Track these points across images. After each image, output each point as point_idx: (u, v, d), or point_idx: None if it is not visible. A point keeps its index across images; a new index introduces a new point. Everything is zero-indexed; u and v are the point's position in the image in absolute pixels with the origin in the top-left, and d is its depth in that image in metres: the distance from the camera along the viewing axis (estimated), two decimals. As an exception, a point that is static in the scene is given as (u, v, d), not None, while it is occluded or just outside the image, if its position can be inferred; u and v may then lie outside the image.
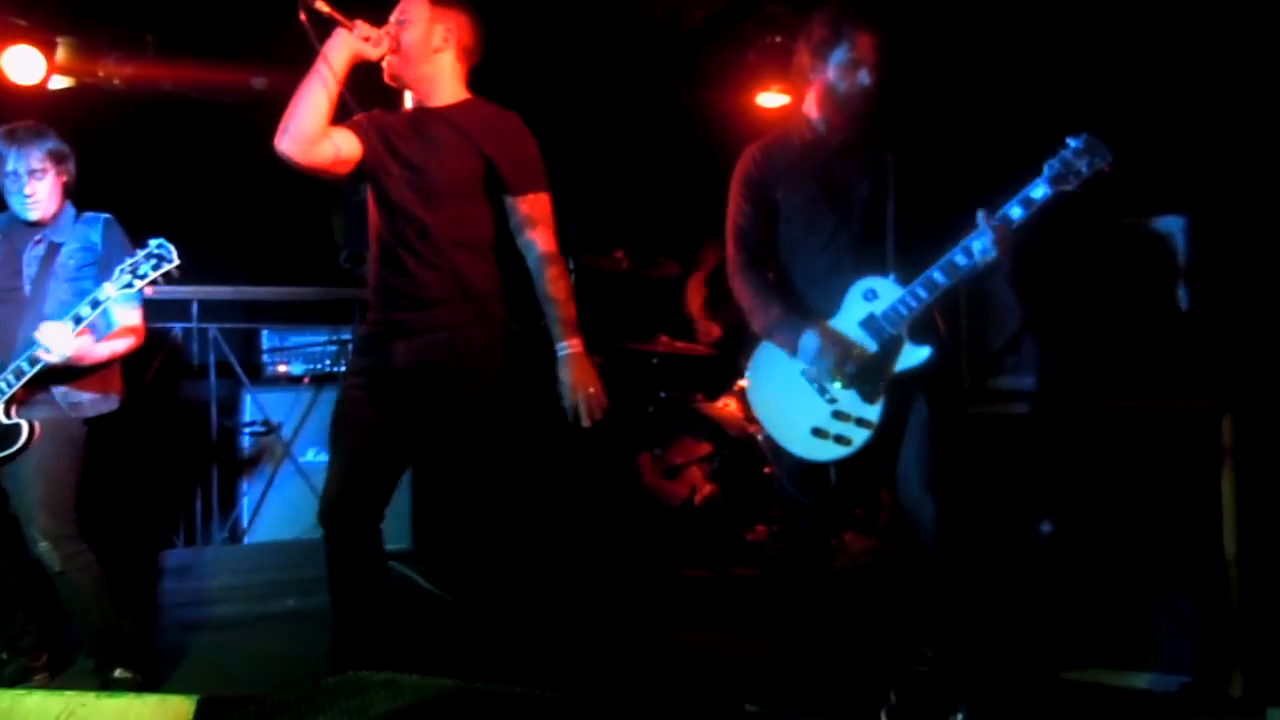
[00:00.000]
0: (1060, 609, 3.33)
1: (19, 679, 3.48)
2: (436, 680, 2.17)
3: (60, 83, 4.96)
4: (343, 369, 5.00)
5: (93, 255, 3.40)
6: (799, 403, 2.86)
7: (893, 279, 2.80)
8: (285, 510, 4.93)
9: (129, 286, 3.16)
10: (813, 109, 2.97)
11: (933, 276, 2.73)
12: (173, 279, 3.22)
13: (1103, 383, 3.34)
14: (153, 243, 3.19)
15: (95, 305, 3.18)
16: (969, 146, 3.18)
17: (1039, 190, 2.66)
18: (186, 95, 5.23)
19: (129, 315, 3.40)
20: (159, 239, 3.19)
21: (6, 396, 3.21)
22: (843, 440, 2.81)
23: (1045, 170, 2.64)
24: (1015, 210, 2.68)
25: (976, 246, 2.67)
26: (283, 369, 5.15)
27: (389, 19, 2.97)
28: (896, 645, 3.04)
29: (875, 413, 2.78)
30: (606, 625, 4.18)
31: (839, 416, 2.82)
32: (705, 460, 5.14)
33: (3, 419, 3.22)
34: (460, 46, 3.00)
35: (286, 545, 4.70)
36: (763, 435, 3.00)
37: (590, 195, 5.60)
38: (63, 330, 3.16)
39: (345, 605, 2.92)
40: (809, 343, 2.80)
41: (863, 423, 2.79)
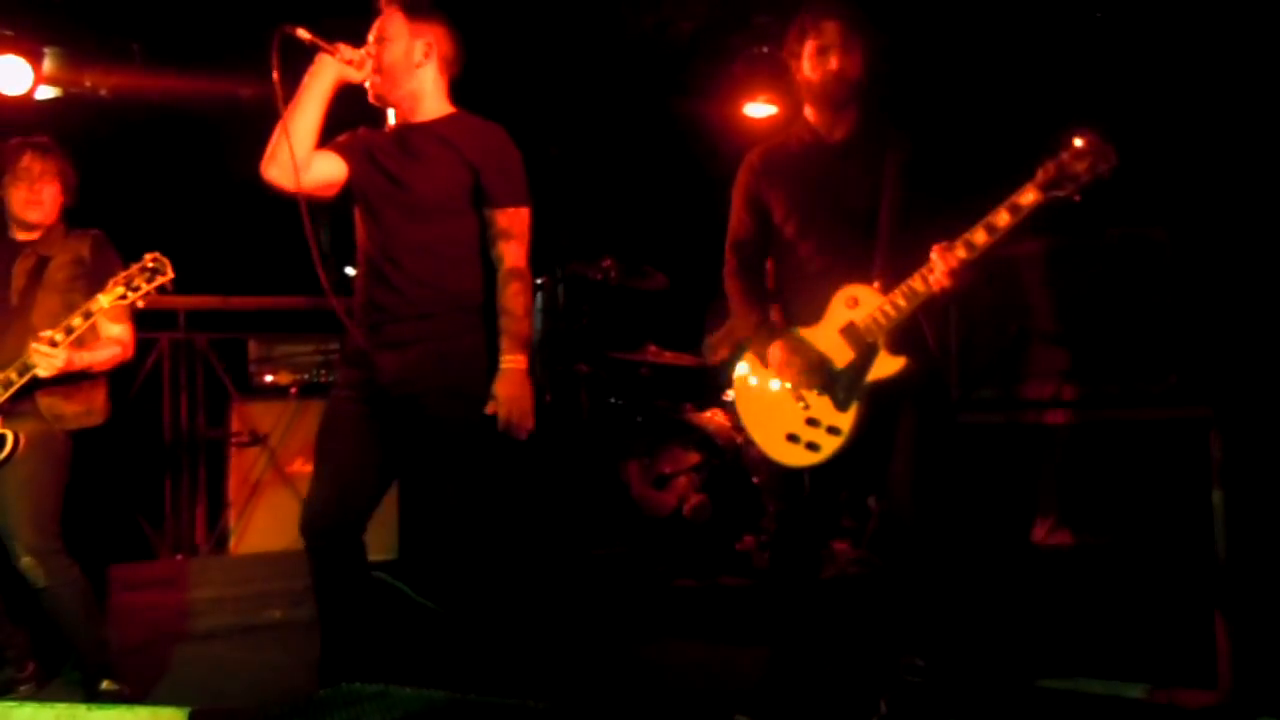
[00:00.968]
0: (1051, 618, 3.34)
1: (5, 690, 3.46)
2: (429, 692, 2.16)
3: (47, 93, 4.95)
4: (330, 379, 4.99)
5: (82, 269, 3.40)
6: (776, 408, 2.90)
7: (876, 287, 2.80)
8: (272, 521, 4.90)
9: (122, 299, 3.17)
10: (807, 110, 2.98)
11: (914, 286, 2.73)
12: (166, 291, 3.22)
13: (1093, 393, 3.35)
14: (148, 256, 3.19)
15: (88, 316, 3.19)
16: (964, 149, 3.18)
17: (1028, 196, 2.56)
18: (173, 105, 5.22)
19: (118, 328, 3.39)
20: (155, 253, 3.20)
21: None
22: (813, 447, 2.83)
23: (1038, 174, 2.55)
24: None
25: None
26: (270, 379, 5.13)
27: (367, 38, 2.96)
28: (887, 655, 3.04)
29: (846, 420, 2.79)
30: (596, 635, 4.17)
31: (811, 423, 2.84)
32: (694, 470, 5.14)
33: None
34: (441, 59, 3.00)
35: (273, 556, 4.67)
36: (748, 441, 3.02)
37: (579, 204, 5.60)
38: (55, 346, 3.15)
39: (331, 616, 2.92)
40: (775, 354, 2.86)
41: (833, 430, 2.80)
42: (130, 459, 4.72)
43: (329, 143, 2.96)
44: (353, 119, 3.06)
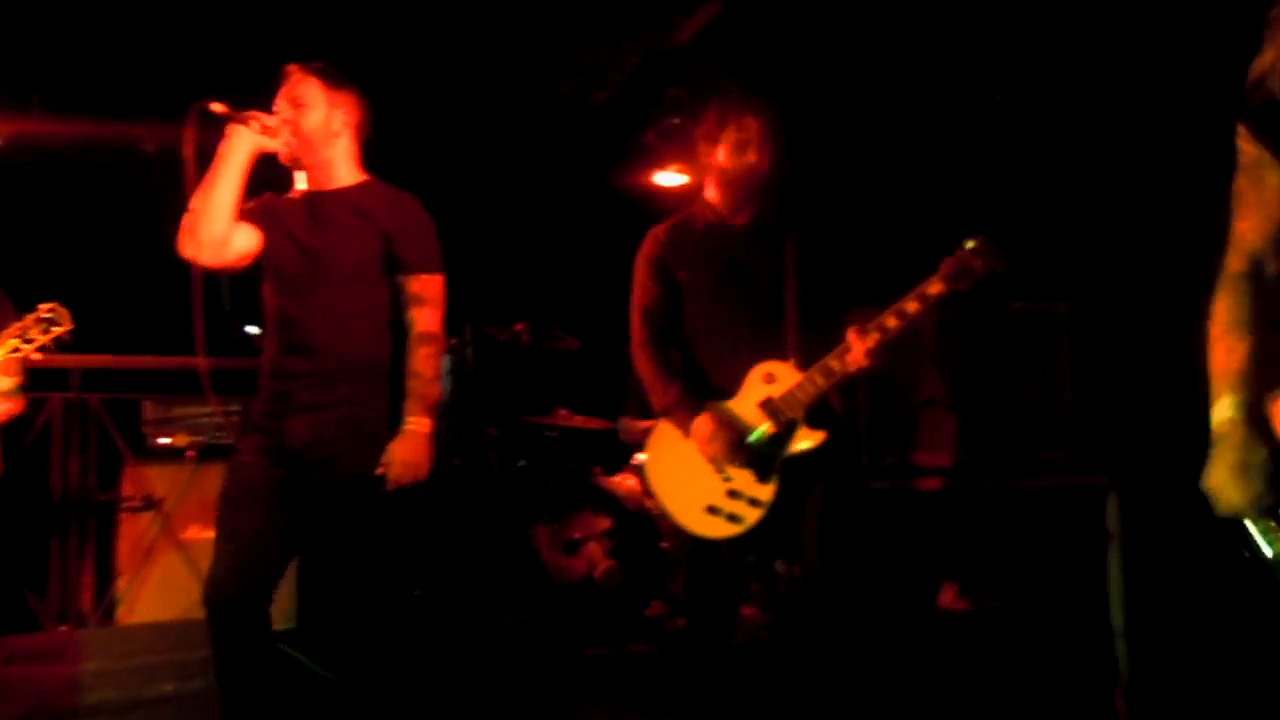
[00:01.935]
0: (955, 683, 3.39)
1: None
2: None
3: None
4: (230, 442, 4.85)
5: None
6: (695, 480, 2.91)
7: (792, 364, 2.88)
8: (164, 589, 4.70)
9: (15, 352, 3.04)
10: (712, 192, 3.07)
11: (830, 365, 2.81)
12: (63, 344, 3.11)
13: (995, 461, 3.45)
14: (43, 306, 3.08)
15: None
16: (870, 234, 3.30)
17: (935, 287, 2.76)
18: (72, 157, 5.09)
19: (7, 382, 3.25)
20: (51, 304, 3.09)
21: None
22: (735, 519, 2.86)
23: (941, 268, 2.75)
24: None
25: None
26: (166, 441, 4.97)
27: (279, 102, 2.94)
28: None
29: (767, 492, 2.84)
30: (505, 704, 4.09)
31: (733, 495, 2.87)
32: (604, 535, 5.11)
33: None
34: (355, 127, 3.00)
35: (165, 627, 4.48)
36: (659, 510, 3.03)
37: (491, 267, 5.59)
38: None
39: (233, 692, 2.82)
40: (701, 428, 2.88)
41: (755, 503, 2.85)
42: (15, 524, 4.50)
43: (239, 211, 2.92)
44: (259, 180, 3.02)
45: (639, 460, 4.86)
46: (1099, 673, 3.20)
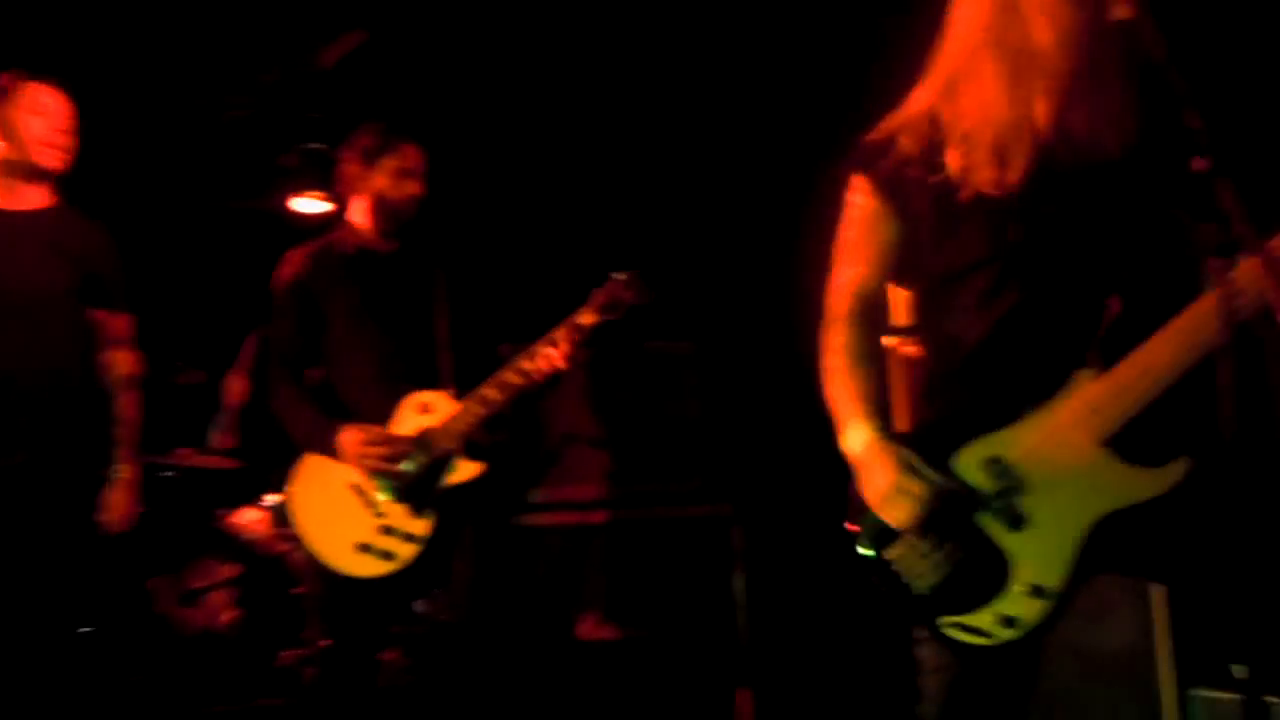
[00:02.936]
0: (596, 712, 3.48)
1: None
2: None
3: None
4: None
5: None
6: (344, 517, 2.80)
7: (448, 393, 2.84)
8: None
9: None
10: (360, 217, 2.99)
11: (485, 394, 2.80)
12: None
13: (631, 493, 3.61)
14: None
15: None
16: (518, 268, 3.35)
17: (587, 317, 2.82)
18: None
19: None
20: None
21: None
22: (389, 556, 2.78)
23: (592, 298, 2.82)
24: (560, 341, 2.81)
25: (540, 361, 2.79)
26: None
27: None
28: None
29: (423, 526, 2.78)
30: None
31: (387, 531, 2.78)
32: (228, 584, 4.77)
33: None
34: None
35: None
36: (301, 552, 2.90)
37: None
38: None
39: None
40: (350, 438, 2.76)
41: (411, 539, 2.78)
42: None
43: None
44: None
45: (272, 500, 4.62)
46: (726, 686, 3.41)
